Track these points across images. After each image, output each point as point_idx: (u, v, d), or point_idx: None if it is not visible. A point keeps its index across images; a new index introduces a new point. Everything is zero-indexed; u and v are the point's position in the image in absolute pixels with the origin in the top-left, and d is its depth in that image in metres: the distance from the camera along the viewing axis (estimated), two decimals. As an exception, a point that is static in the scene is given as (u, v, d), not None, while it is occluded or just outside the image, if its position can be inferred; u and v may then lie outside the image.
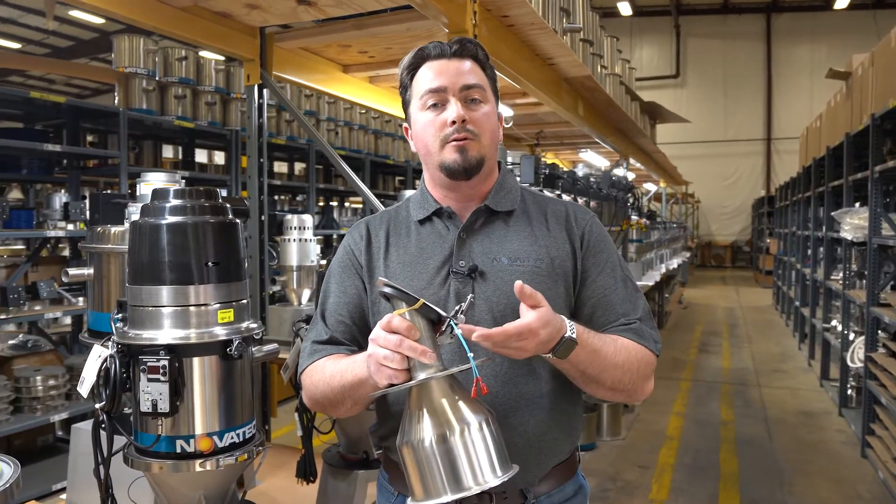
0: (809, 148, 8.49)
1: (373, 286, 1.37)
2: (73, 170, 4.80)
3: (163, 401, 1.55)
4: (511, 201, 1.40)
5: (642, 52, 21.08)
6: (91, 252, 2.26)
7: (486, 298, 1.30)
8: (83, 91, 19.95)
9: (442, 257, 1.35)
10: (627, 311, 1.35)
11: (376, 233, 1.43)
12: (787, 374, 7.56)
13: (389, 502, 1.41)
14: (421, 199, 1.43)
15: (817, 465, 4.79)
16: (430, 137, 1.33)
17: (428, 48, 1.35)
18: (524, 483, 1.31)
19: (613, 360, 1.26)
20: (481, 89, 1.33)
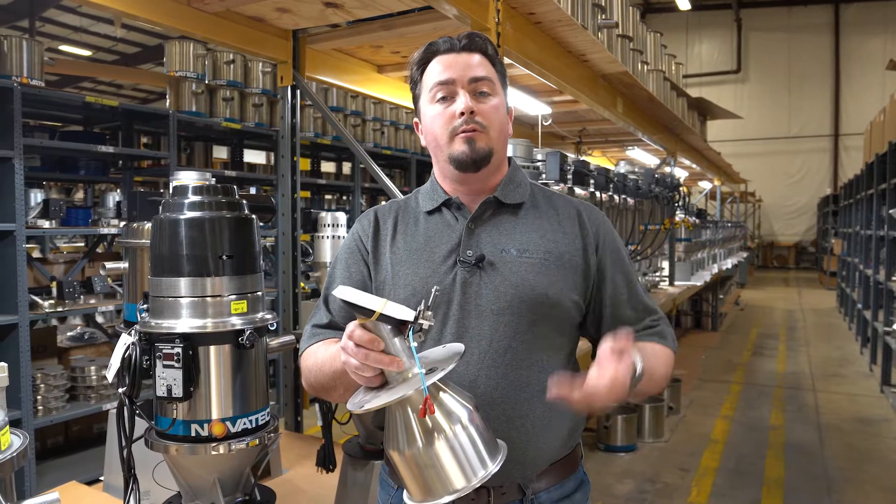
0: (874, 143, 8.12)
1: (378, 272, 1.39)
2: (128, 170, 5.03)
3: (177, 386, 1.64)
4: (520, 195, 1.40)
5: (701, 47, 20.55)
6: (126, 247, 2.38)
7: (494, 288, 1.30)
8: (150, 95, 20.80)
9: (449, 246, 1.35)
10: (646, 310, 1.38)
11: (384, 220, 1.44)
12: (845, 379, 7.25)
13: (389, 496, 1.41)
14: (430, 190, 1.44)
15: (870, 473, 4.59)
16: (439, 130, 1.34)
17: (437, 43, 1.36)
18: (522, 479, 1.31)
19: (657, 374, 1.30)
20: (490, 82, 1.34)
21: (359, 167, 6.76)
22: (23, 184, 3.87)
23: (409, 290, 1.32)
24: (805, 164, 20.24)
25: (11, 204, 3.83)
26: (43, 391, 3.96)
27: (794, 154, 20.13)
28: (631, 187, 4.25)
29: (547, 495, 1.33)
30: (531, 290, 1.29)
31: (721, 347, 8.87)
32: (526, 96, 4.00)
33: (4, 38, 4.08)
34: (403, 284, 1.34)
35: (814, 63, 19.59)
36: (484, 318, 1.29)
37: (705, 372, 7.45)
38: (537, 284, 1.30)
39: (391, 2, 2.67)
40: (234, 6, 2.66)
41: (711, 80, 19.73)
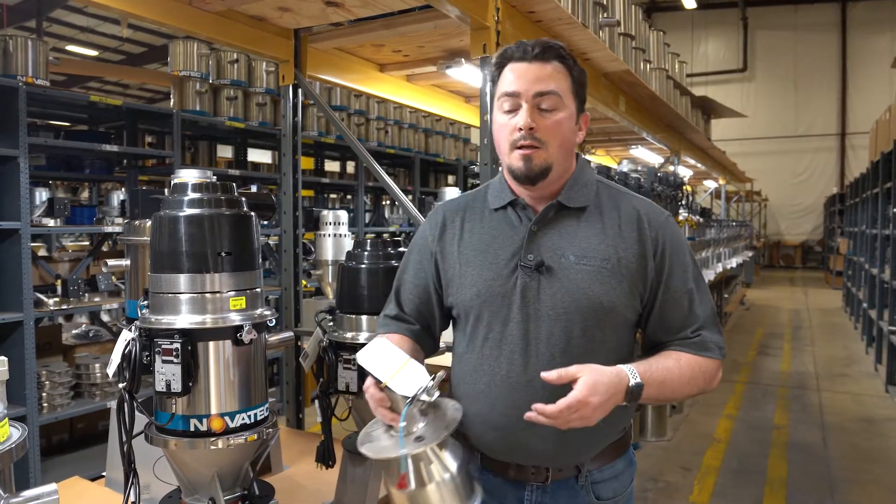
0: (879, 142, 8.09)
1: (446, 269, 1.51)
2: (132, 169, 5.06)
3: (175, 381, 1.65)
4: (585, 197, 1.44)
5: (707, 46, 20.48)
6: (127, 244, 2.40)
7: (551, 295, 1.37)
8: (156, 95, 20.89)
9: (512, 249, 1.42)
10: (695, 314, 1.42)
11: (452, 220, 1.53)
12: (850, 379, 7.23)
13: None
14: (500, 188, 1.50)
15: (874, 473, 4.58)
16: (502, 139, 1.41)
17: (511, 49, 1.41)
18: (579, 461, 1.43)
19: (679, 381, 1.35)
20: (556, 96, 1.37)
21: (362, 166, 6.78)
22: (28, 182, 3.90)
23: (474, 290, 1.44)
24: (812, 163, 20.16)
25: (16, 202, 3.86)
26: (48, 388, 3.99)
27: (801, 153, 20.05)
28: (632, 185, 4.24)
29: (599, 474, 1.45)
30: (587, 298, 1.36)
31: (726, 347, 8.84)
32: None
33: (10, 39, 4.12)
34: (469, 284, 1.45)
35: (820, 61, 19.50)
36: (542, 322, 1.37)
37: (709, 371, 7.43)
38: (592, 293, 1.36)
39: (392, 0, 2.68)
40: (236, 5, 2.68)
41: (718, 78, 19.68)
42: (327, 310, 2.40)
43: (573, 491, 1.44)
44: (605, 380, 1.23)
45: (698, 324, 1.41)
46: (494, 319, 1.42)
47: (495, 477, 1.47)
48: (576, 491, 1.44)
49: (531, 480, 1.44)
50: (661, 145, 6.16)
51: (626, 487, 1.50)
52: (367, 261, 2.26)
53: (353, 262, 2.28)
